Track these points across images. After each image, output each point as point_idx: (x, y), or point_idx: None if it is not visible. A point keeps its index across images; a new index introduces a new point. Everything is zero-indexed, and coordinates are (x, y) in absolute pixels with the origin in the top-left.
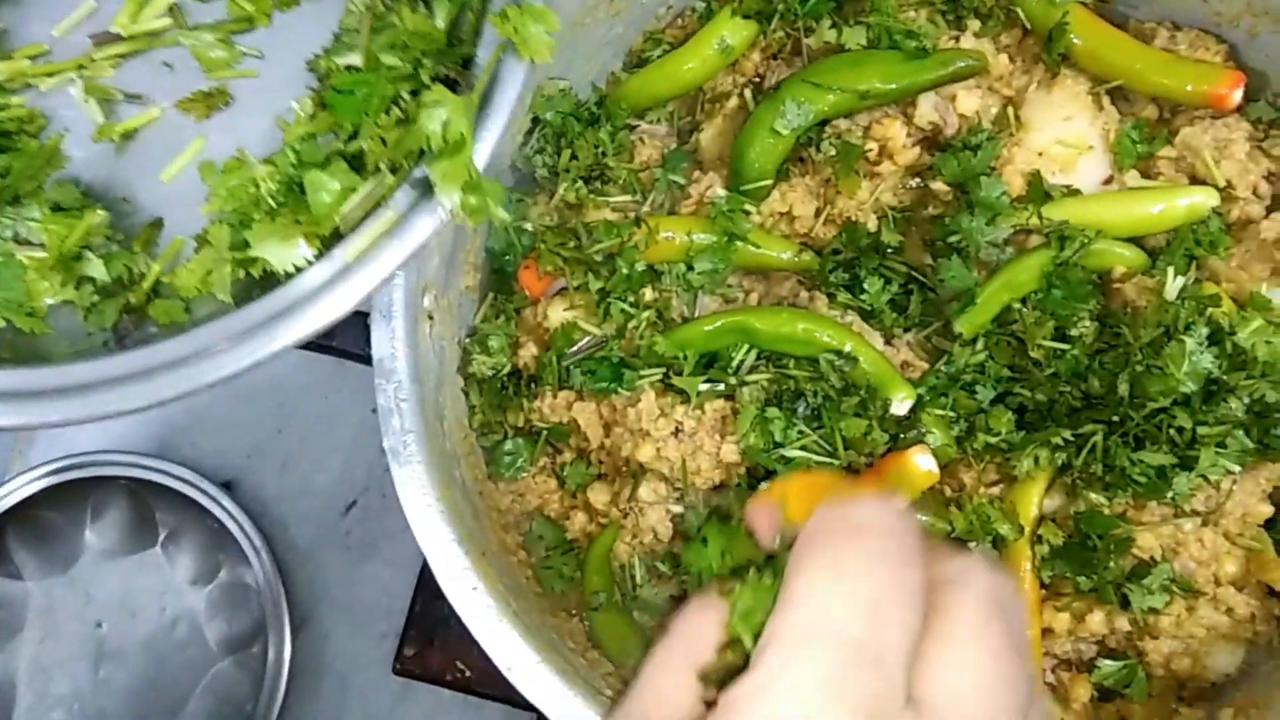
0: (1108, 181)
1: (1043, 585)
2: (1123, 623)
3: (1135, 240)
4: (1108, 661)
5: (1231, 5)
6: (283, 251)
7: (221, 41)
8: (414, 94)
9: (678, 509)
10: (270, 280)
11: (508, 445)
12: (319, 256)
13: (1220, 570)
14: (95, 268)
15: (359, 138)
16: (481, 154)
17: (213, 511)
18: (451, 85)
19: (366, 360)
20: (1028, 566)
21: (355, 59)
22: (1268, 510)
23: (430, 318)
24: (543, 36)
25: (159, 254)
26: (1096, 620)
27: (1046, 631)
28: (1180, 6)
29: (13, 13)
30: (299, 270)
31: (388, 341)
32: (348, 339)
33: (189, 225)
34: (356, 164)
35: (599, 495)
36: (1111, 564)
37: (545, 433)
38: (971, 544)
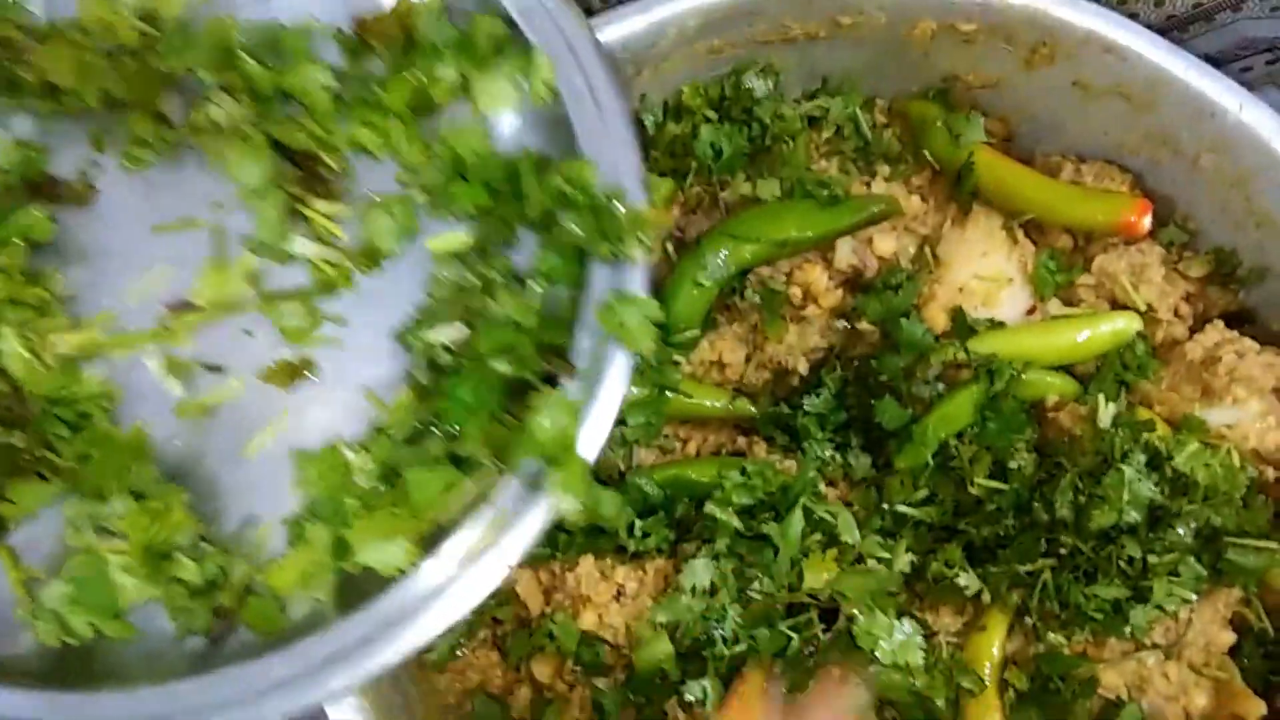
0: (1031, 311)
1: None
2: None
3: (1064, 368)
4: None
5: (1131, 136)
6: (385, 552)
7: (304, 309)
8: (517, 389)
9: None
10: (370, 575)
11: None
12: (422, 555)
13: (1190, 704)
14: (187, 570)
15: (464, 438)
16: (590, 455)
17: None
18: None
19: None
20: (997, 714)
21: (447, 334)
22: (1230, 638)
23: None
24: (647, 327)
25: (246, 540)
26: None
27: None
28: (1083, 140)
29: (83, 273)
30: (403, 572)
31: None
32: None
33: (275, 503)
34: (458, 457)
35: (543, 668)
36: (1078, 708)
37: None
38: (939, 700)
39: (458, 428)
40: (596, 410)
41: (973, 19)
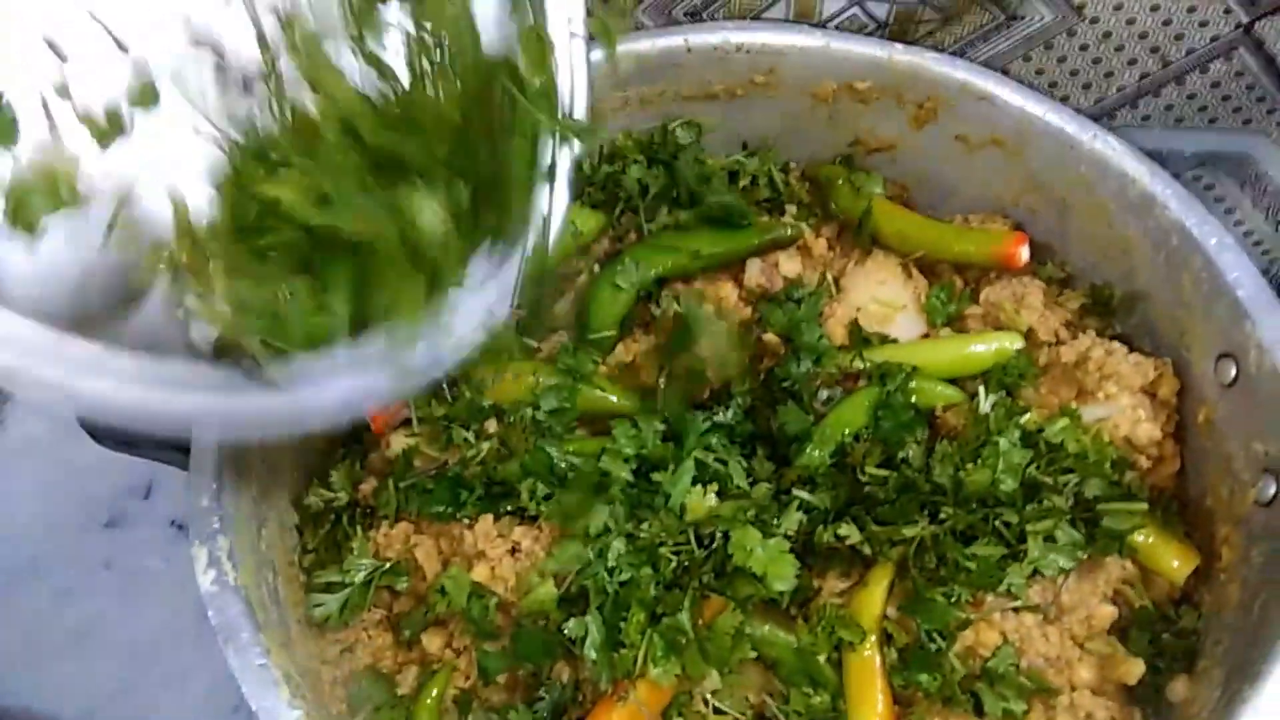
0: (924, 337)
1: (894, 698)
2: None
3: (954, 384)
4: None
5: (1010, 186)
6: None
7: None
8: None
9: None
10: None
11: (317, 597)
12: None
13: (1075, 677)
14: None
15: None
16: None
17: None
18: None
19: None
20: (878, 665)
21: None
22: (1109, 611)
23: None
24: None
25: None
26: None
27: None
28: (969, 197)
29: None
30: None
31: None
32: None
33: None
34: None
35: (434, 640)
36: (955, 659)
37: (376, 575)
38: (819, 657)
39: None
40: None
41: (866, 77)
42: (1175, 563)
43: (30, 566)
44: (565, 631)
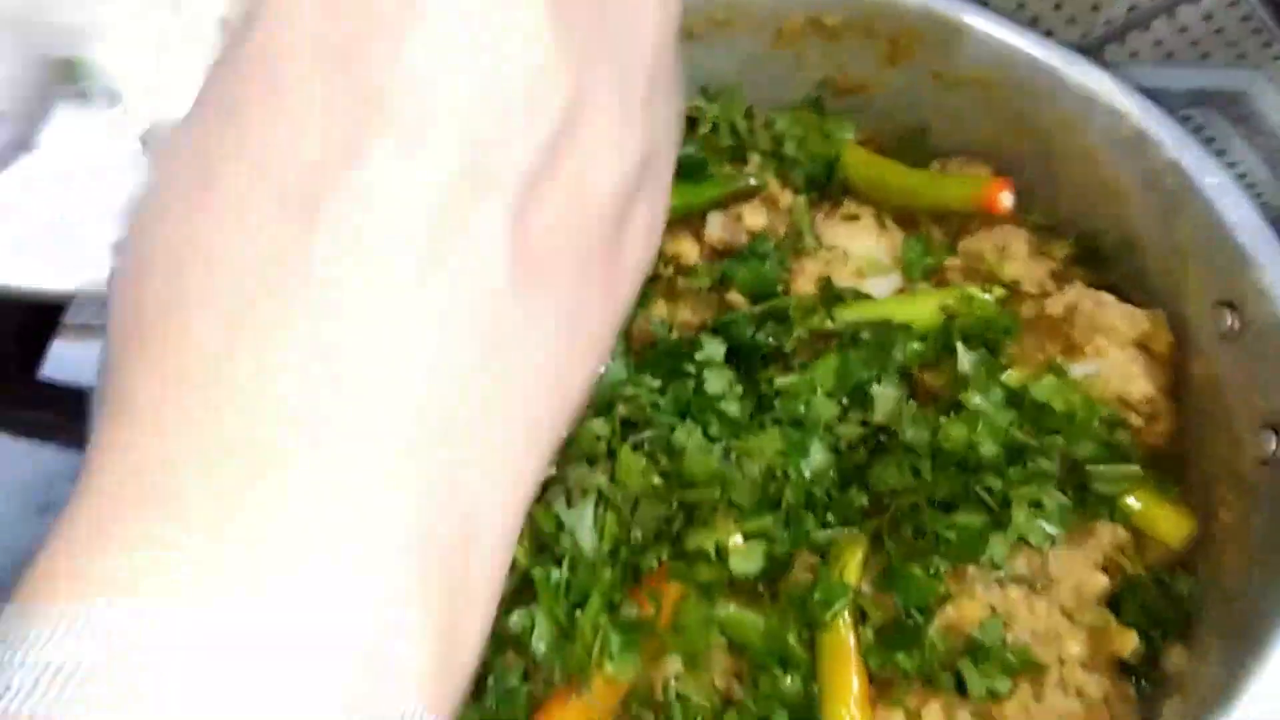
0: (900, 292)
1: (871, 679)
2: (965, 715)
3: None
4: None
5: (991, 129)
6: None
7: None
8: None
9: None
10: None
11: None
12: None
13: (1064, 651)
14: None
15: None
16: None
17: None
18: None
19: None
20: (852, 645)
21: None
22: (1101, 580)
23: None
24: None
25: None
26: (933, 714)
27: None
28: (950, 142)
29: None
30: None
31: None
32: None
33: None
34: None
35: None
36: (935, 636)
37: None
38: (789, 636)
39: None
40: None
41: (835, 11)
42: (1171, 527)
43: None
44: (510, 625)
